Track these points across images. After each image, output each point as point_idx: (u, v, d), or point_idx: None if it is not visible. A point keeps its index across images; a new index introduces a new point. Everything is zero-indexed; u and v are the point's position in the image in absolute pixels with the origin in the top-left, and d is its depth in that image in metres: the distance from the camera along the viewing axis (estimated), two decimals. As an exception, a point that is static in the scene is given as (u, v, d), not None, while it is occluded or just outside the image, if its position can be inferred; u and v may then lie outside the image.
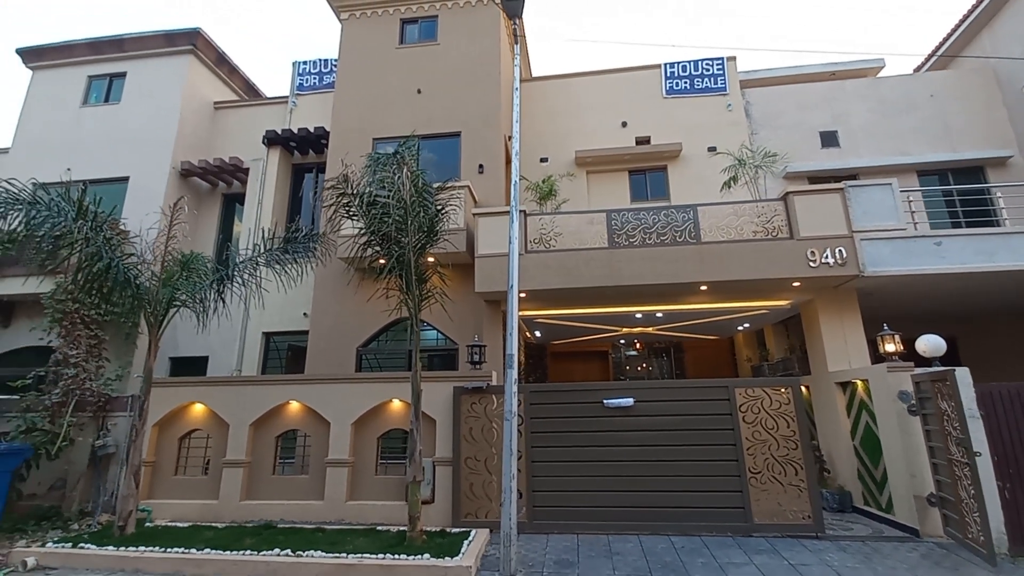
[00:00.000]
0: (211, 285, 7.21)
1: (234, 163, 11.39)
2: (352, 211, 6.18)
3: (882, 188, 7.82)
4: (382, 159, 5.90)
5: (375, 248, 6.30)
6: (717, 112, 11.79)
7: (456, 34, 11.02)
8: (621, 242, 8.17)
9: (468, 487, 6.69)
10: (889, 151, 11.13)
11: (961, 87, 11.34)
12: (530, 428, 6.81)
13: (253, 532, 6.37)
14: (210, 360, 10.28)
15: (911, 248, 7.56)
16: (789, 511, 6.19)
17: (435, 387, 6.96)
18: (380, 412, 7.26)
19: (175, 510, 7.19)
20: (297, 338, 10.36)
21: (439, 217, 6.62)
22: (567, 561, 5.46)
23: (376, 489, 7.00)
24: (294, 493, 7.12)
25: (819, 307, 8.19)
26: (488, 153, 10.14)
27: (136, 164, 11.33)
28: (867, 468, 7.07)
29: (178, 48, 12.02)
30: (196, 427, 7.59)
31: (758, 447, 6.40)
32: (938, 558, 5.35)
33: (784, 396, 6.52)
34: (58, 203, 6.19)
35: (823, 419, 8.14)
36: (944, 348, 6.48)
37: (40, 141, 11.90)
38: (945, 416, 5.61)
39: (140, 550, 5.68)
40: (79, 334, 8.73)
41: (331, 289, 9.55)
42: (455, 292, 9.19)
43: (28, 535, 6.71)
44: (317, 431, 7.28)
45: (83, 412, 7.84)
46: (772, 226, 7.89)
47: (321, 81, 12.30)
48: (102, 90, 12.24)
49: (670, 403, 6.73)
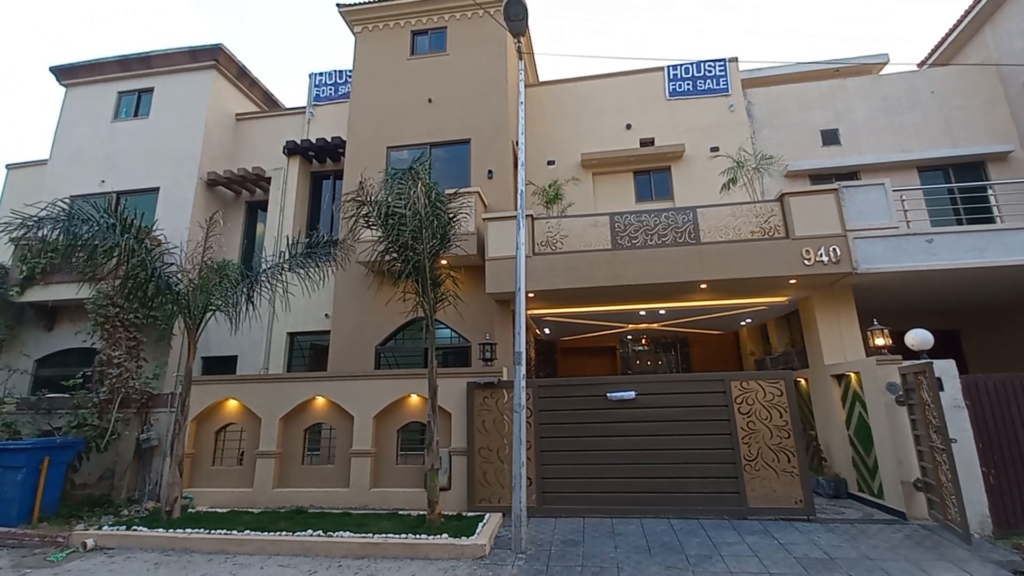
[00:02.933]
0: (242, 290, 7.80)
1: (256, 172, 12.01)
2: (371, 221, 6.70)
3: (875, 188, 8.12)
4: (398, 174, 6.40)
5: (392, 255, 6.82)
6: (720, 113, 12.08)
7: (464, 45, 11.46)
8: (624, 243, 8.58)
9: (482, 475, 7.22)
10: (890, 148, 11.34)
11: (963, 83, 11.48)
12: (539, 420, 7.30)
13: (286, 516, 6.97)
14: (239, 359, 10.95)
15: (903, 246, 7.86)
16: (782, 496, 6.60)
17: (450, 382, 7.49)
18: (399, 406, 7.81)
19: (214, 497, 7.83)
20: (319, 338, 10.97)
21: (451, 224, 7.12)
22: (573, 540, 5.95)
23: (397, 477, 7.56)
24: (322, 481, 7.71)
25: (816, 303, 8.53)
26: (497, 159, 10.59)
27: (166, 175, 12.02)
28: (860, 456, 7.44)
29: (202, 64, 12.66)
30: (231, 421, 8.22)
31: (753, 436, 6.82)
32: (920, 538, 5.74)
33: (777, 388, 6.91)
34: (105, 219, 6.80)
35: (821, 410, 8.50)
36: (931, 342, 6.78)
37: (76, 154, 12.65)
38: (926, 406, 5.96)
39: (187, 532, 6.32)
40: (119, 336, 9.43)
41: (351, 292, 10.12)
42: (467, 293, 9.68)
43: (84, 520, 7.38)
44: (341, 424, 7.86)
45: (128, 408, 8.52)
46: (769, 226, 8.24)
47: (337, 92, 12.85)
48: (131, 105, 12.94)
49: (670, 395, 7.17)
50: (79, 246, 6.66)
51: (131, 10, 62.70)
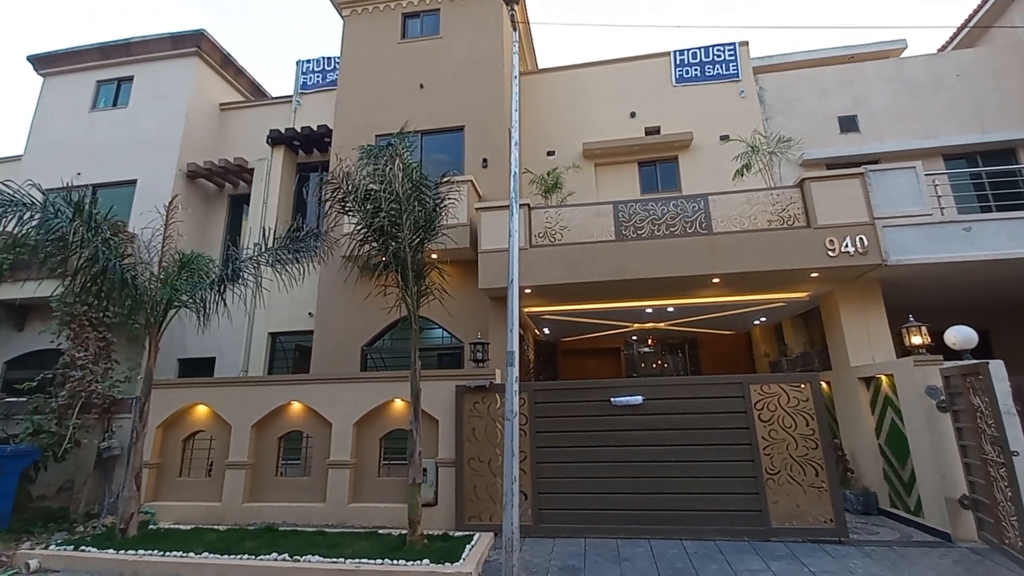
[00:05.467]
0: (211, 285, 7.13)
1: (239, 163, 11.37)
2: (348, 206, 6.02)
3: (905, 172, 7.40)
4: (375, 151, 5.72)
5: (372, 244, 6.13)
6: (729, 99, 11.37)
7: (459, 27, 10.82)
8: (629, 234, 7.88)
9: (472, 489, 6.50)
10: (913, 134, 10.60)
11: (991, 65, 10.74)
12: (535, 428, 6.58)
13: (254, 535, 6.27)
14: (217, 361, 10.27)
15: (938, 234, 7.12)
16: (809, 514, 5.85)
17: (437, 386, 6.78)
18: (382, 412, 7.11)
19: (180, 512, 7.14)
20: (304, 338, 10.27)
21: (437, 211, 6.43)
22: (573, 567, 5.22)
23: (379, 491, 6.85)
24: (297, 495, 7.01)
25: (840, 299, 7.79)
26: (493, 147, 9.92)
27: (144, 167, 11.38)
28: (893, 468, 6.68)
29: (183, 50, 12.06)
30: (200, 428, 7.54)
31: (775, 446, 6.07)
32: (971, 564, 4.99)
33: (802, 392, 6.17)
34: (55, 205, 6.15)
35: (845, 416, 7.75)
36: (976, 340, 6.06)
37: (53, 146, 12.04)
38: (978, 412, 5.22)
39: (139, 553, 5.63)
40: (87, 336, 8.77)
41: (336, 288, 9.44)
42: (461, 289, 9.00)
43: (34, 536, 6.70)
44: (319, 432, 7.15)
45: (88, 414, 7.85)
46: (788, 214, 7.52)
47: (324, 79, 12.21)
48: (111, 94, 12.34)
49: (681, 400, 6.43)
50: (34, 237, 6.05)
51: (131, 10, 62.56)
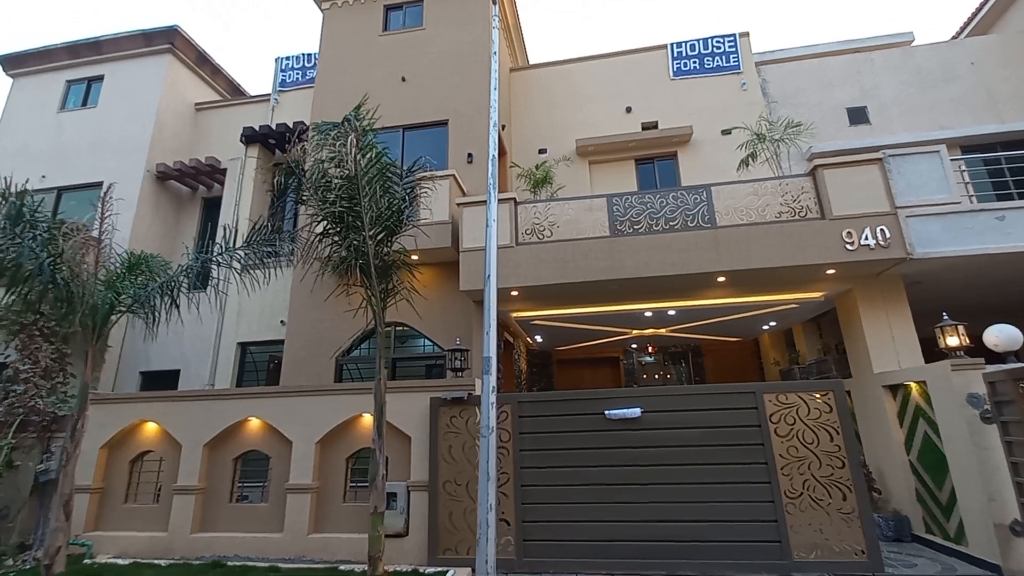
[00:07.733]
0: (161, 288, 6.40)
1: (211, 163, 10.74)
2: (304, 195, 5.32)
3: (929, 156, 6.71)
4: (326, 127, 5.03)
5: (333, 238, 5.42)
6: (730, 92, 10.77)
7: (443, 19, 10.26)
8: (624, 230, 7.18)
9: (447, 516, 5.69)
10: (926, 125, 9.94)
11: (1007, 52, 10.12)
12: (519, 446, 5.79)
13: (199, 572, 5.46)
14: (182, 373, 9.51)
15: (967, 224, 6.40)
16: (836, 544, 5.04)
17: (409, 398, 6.03)
18: (349, 429, 6.33)
19: (124, 543, 6.34)
20: (277, 348, 9.52)
21: (408, 203, 5.73)
22: (560, 612, 4.41)
23: (344, 519, 6.04)
24: (253, 524, 6.20)
25: (859, 298, 7.05)
26: (478, 142, 9.25)
27: (112, 168, 10.71)
28: (928, 489, 5.87)
29: (155, 48, 11.51)
30: (148, 448, 6.75)
31: (795, 465, 5.28)
32: (1037, 608, 4.17)
33: (824, 403, 5.40)
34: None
35: (869, 429, 6.95)
36: (1021, 340, 5.32)
37: (20, 149, 11.46)
38: (1036, 425, 4.45)
39: (56, 597, 4.82)
40: (37, 348, 8.03)
41: (308, 294, 8.70)
42: (445, 294, 8.30)
43: (-44, 574, 5.91)
44: (279, 452, 6.37)
45: (25, 433, 7.07)
46: (799, 205, 6.83)
47: (304, 76, 11.64)
48: (80, 95, 11.78)
49: (686, 413, 5.65)
50: None
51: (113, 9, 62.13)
